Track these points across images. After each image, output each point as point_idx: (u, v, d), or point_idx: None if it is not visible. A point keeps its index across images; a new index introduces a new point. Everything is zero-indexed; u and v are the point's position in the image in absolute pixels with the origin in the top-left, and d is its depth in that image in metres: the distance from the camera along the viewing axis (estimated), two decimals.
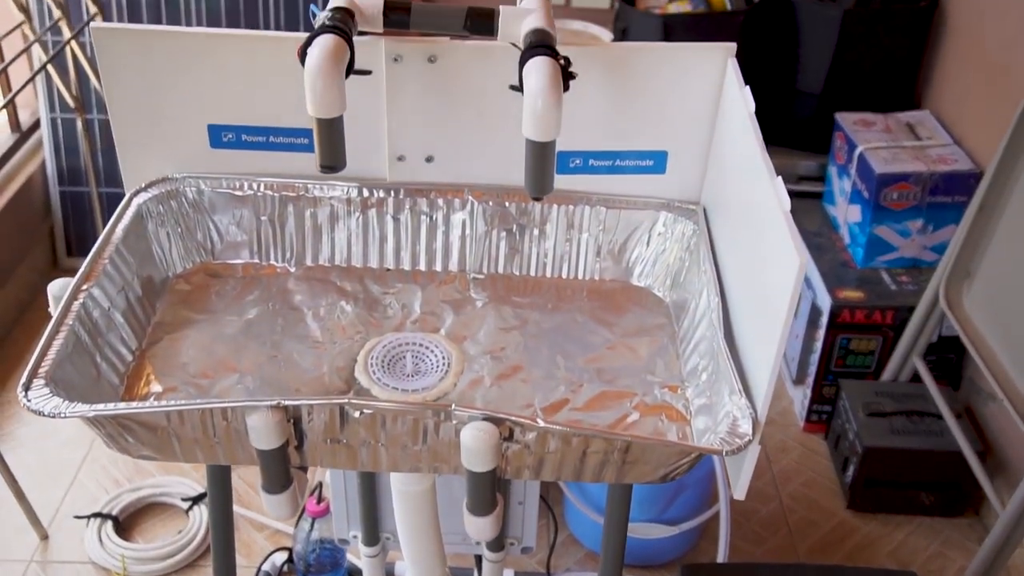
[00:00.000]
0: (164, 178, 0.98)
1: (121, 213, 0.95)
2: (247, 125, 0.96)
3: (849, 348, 1.91)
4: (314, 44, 0.74)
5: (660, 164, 0.99)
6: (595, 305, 1.00)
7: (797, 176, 2.22)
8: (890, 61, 2.11)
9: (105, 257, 0.89)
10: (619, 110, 0.96)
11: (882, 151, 1.93)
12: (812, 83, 2.13)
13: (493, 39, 0.84)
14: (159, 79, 0.93)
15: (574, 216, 1.00)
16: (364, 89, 0.92)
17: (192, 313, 0.95)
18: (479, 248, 1.01)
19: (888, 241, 1.94)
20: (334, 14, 0.78)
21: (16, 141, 2.22)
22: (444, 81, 0.93)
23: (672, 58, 0.93)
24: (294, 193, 0.99)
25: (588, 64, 0.93)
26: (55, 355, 0.79)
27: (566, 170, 0.99)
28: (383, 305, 0.98)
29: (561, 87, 0.74)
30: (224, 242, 1.01)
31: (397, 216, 1.00)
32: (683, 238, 0.99)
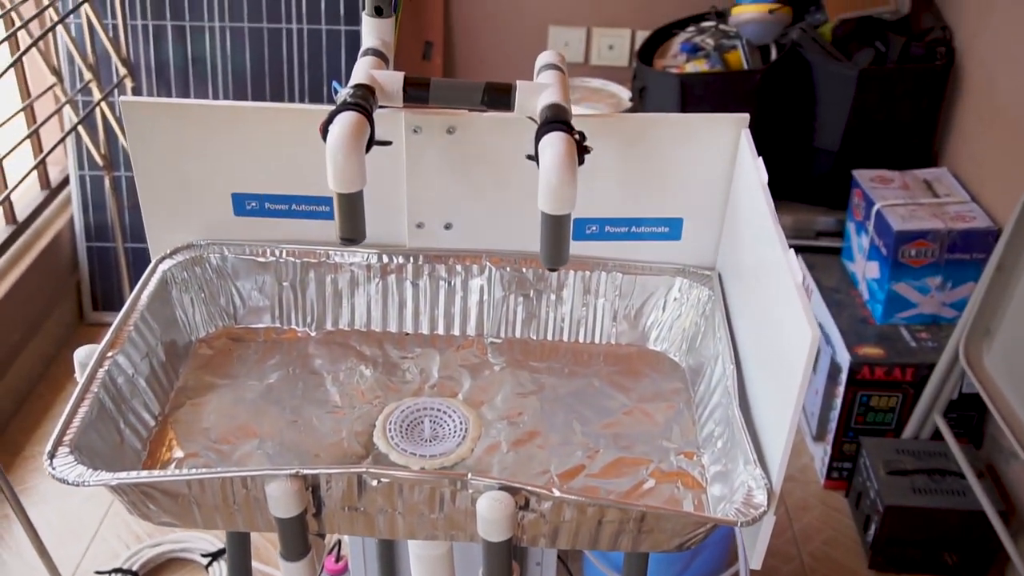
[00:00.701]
0: (189, 245, 1.00)
1: (147, 280, 0.97)
2: (270, 193, 0.98)
3: (869, 405, 1.90)
4: (335, 121, 0.77)
5: (676, 231, 1.00)
6: (612, 370, 1.01)
7: (816, 232, 2.23)
8: (907, 119, 2.12)
9: (130, 324, 0.91)
10: (635, 178, 0.97)
11: (899, 208, 1.94)
12: (829, 140, 2.15)
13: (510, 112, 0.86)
14: (185, 149, 0.96)
15: (591, 282, 1.02)
16: (385, 158, 0.94)
17: (214, 378, 0.97)
18: (497, 313, 1.03)
19: (907, 298, 1.94)
20: (355, 91, 0.81)
21: (46, 198, 2.26)
22: (462, 151, 0.95)
23: (687, 128, 0.95)
24: (315, 259, 1.01)
25: (605, 133, 0.95)
26: (80, 423, 0.80)
27: (583, 236, 1.01)
28: (402, 370, 1.00)
29: (576, 162, 0.76)
30: (247, 307, 1.03)
31: (416, 282, 1.02)
32: (699, 303, 1.00)
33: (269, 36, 2.17)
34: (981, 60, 2.02)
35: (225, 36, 2.17)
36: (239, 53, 2.18)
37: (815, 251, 2.21)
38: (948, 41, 2.13)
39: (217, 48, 2.18)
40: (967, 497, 1.72)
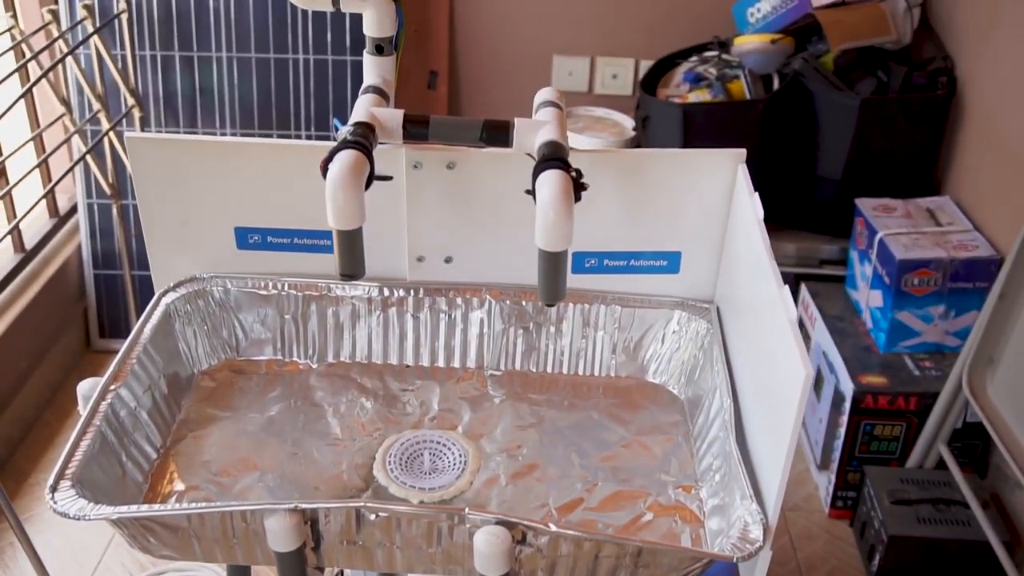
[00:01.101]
0: (192, 278, 1.02)
1: (150, 313, 0.98)
2: (272, 227, 1.00)
3: (873, 434, 1.90)
4: (335, 159, 0.78)
5: (674, 264, 1.01)
6: (611, 402, 1.01)
7: (819, 260, 2.23)
8: (909, 148, 2.13)
9: (133, 357, 0.92)
10: (634, 212, 0.98)
11: (902, 237, 1.95)
12: (832, 169, 2.15)
13: (508, 149, 0.87)
14: (188, 183, 0.97)
15: (590, 314, 1.02)
16: (385, 193, 0.96)
17: (216, 410, 0.98)
18: (496, 346, 1.03)
19: (910, 326, 1.94)
20: (355, 129, 0.82)
21: (54, 225, 2.28)
22: (462, 186, 0.96)
23: (685, 163, 0.96)
24: (317, 292, 1.02)
25: (604, 168, 0.96)
26: (82, 456, 0.81)
27: (582, 270, 1.02)
28: (402, 402, 1.00)
29: (572, 200, 0.77)
30: (249, 339, 1.04)
31: (417, 315, 1.03)
32: (697, 336, 1.01)
33: (276, 66, 2.20)
34: (982, 89, 2.03)
35: (232, 66, 2.19)
36: (246, 83, 2.20)
37: (819, 279, 2.22)
38: (950, 70, 2.14)
39: (224, 78, 2.20)
40: (971, 527, 1.71)
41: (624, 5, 2.41)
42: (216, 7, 2.15)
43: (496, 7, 2.42)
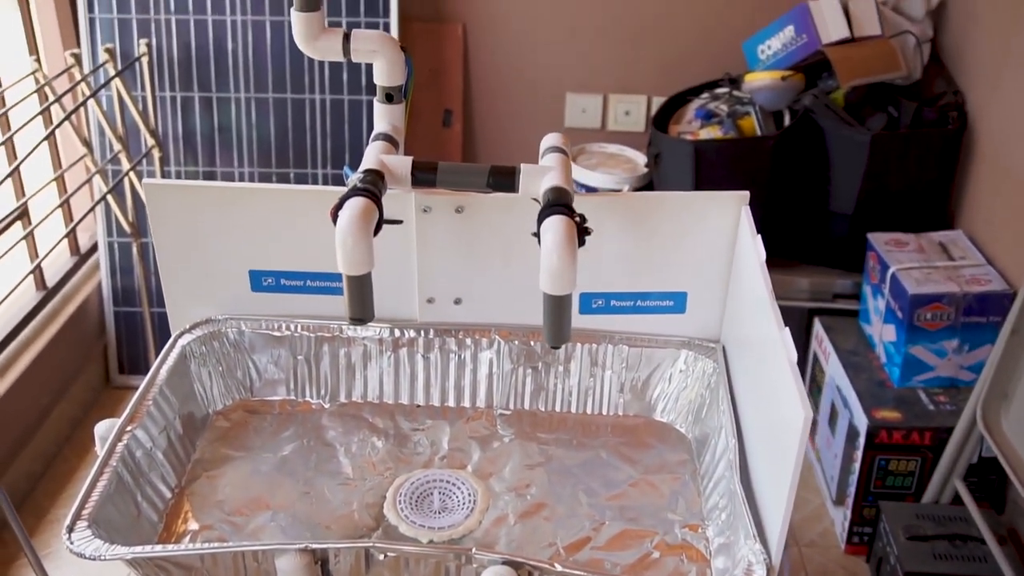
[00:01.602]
0: (207, 320, 1.04)
1: (166, 354, 1.00)
2: (286, 270, 1.02)
3: (888, 469, 1.89)
4: (345, 207, 0.80)
5: (680, 304, 1.02)
6: (619, 441, 1.02)
7: (833, 294, 2.24)
8: (921, 182, 2.14)
9: (149, 398, 0.94)
10: (640, 253, 1.00)
11: (915, 271, 1.95)
12: (844, 204, 2.16)
13: (514, 194, 0.89)
14: (204, 228, 0.99)
15: (597, 354, 1.04)
16: (396, 236, 0.98)
17: (230, 450, 0.99)
18: (506, 385, 1.05)
19: (924, 361, 1.94)
20: (365, 176, 0.84)
21: (75, 264, 2.32)
22: (470, 229, 0.98)
23: (689, 206, 0.97)
24: (329, 334, 1.04)
25: (609, 211, 0.98)
26: (98, 496, 0.83)
27: (589, 310, 1.03)
28: (413, 441, 1.02)
29: (575, 245, 0.78)
30: (263, 380, 1.06)
31: (427, 355, 1.04)
32: (704, 376, 1.02)
33: (293, 106, 2.23)
34: (993, 124, 2.04)
35: (251, 106, 2.23)
36: (264, 122, 2.24)
37: (833, 313, 2.22)
38: (960, 105, 2.15)
39: (243, 118, 2.24)
40: (988, 563, 1.70)
41: (636, 43, 2.44)
42: (235, 49, 2.19)
43: (509, 46, 2.45)
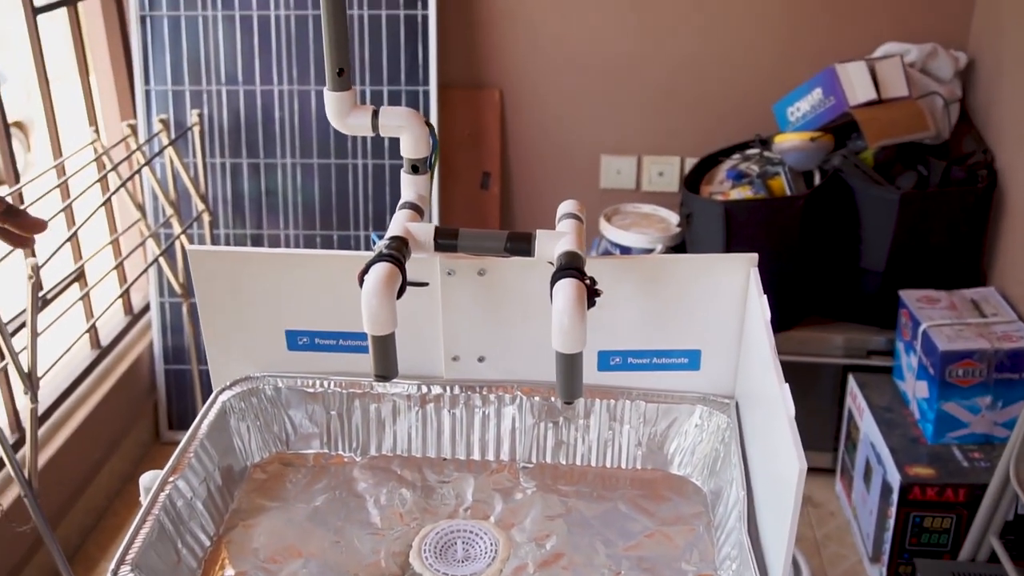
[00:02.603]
0: (246, 377, 1.10)
1: (207, 410, 1.06)
2: (320, 330, 1.08)
3: (922, 526, 1.89)
4: (371, 271, 0.86)
5: (695, 362, 1.07)
6: (636, 493, 1.06)
7: (867, 351, 2.26)
8: (951, 240, 2.16)
9: (191, 451, 1.00)
10: (655, 313, 1.05)
11: (946, 328, 1.97)
12: (875, 261, 2.19)
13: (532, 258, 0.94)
14: (244, 291, 1.06)
15: (616, 410, 1.08)
16: (423, 298, 1.04)
17: (266, 501, 1.05)
18: (528, 439, 1.10)
19: (958, 417, 1.95)
20: (391, 243, 0.90)
21: (128, 323, 2.42)
22: (492, 291, 1.04)
23: (701, 268, 1.02)
24: (360, 390, 1.10)
25: (625, 273, 1.03)
26: (141, 542, 0.89)
27: (607, 367, 1.08)
28: (439, 493, 1.07)
29: (584, 306, 0.83)
30: (298, 434, 1.12)
31: (453, 410, 1.09)
32: (718, 430, 1.06)
33: (336, 171, 2.33)
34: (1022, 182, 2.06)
35: (296, 171, 2.33)
36: (309, 186, 2.34)
37: (867, 370, 2.24)
38: (989, 164, 2.18)
39: (289, 182, 2.34)
40: None
41: (669, 106, 2.51)
42: (282, 117, 2.29)
43: (545, 110, 2.53)
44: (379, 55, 2.29)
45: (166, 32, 2.28)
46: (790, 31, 2.41)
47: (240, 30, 2.28)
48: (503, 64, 2.49)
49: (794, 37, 2.42)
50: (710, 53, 2.45)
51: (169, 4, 2.27)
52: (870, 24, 2.38)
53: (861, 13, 2.38)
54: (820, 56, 2.34)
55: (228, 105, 2.30)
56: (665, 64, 2.47)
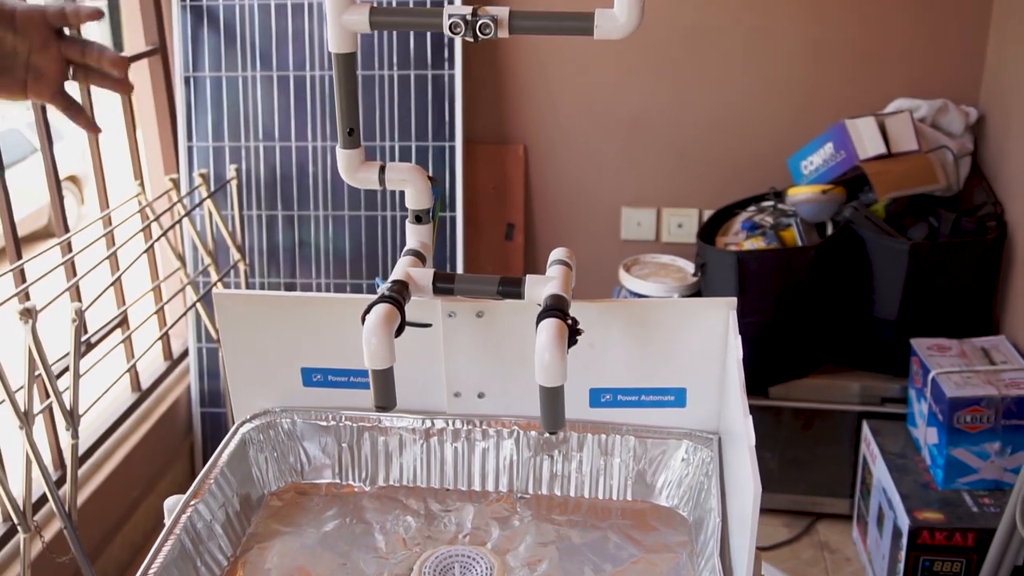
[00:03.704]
0: (265, 411, 1.19)
1: (228, 440, 1.15)
2: (333, 368, 1.17)
3: (932, 570, 1.92)
4: (371, 311, 0.95)
5: (680, 399, 1.14)
6: (626, 523, 1.13)
7: (881, 399, 2.30)
8: (963, 290, 2.21)
9: (211, 478, 1.09)
10: (642, 353, 1.12)
11: (954, 375, 2.01)
12: (888, 310, 2.24)
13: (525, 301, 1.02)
14: (264, 332, 1.15)
15: (607, 445, 1.15)
16: (426, 339, 1.12)
17: (280, 525, 1.13)
18: (525, 471, 1.17)
19: (967, 463, 1.99)
20: (392, 285, 0.99)
21: (168, 367, 2.53)
22: (490, 331, 1.12)
23: (683, 311, 1.10)
24: (369, 424, 1.18)
25: (614, 316, 1.11)
26: (163, 559, 0.97)
27: (598, 404, 1.15)
28: (441, 521, 1.14)
29: (565, 344, 0.91)
30: (312, 465, 1.20)
31: (455, 443, 1.17)
32: (703, 464, 1.13)
33: (366, 223, 2.43)
34: None
35: (328, 223, 2.44)
36: (340, 237, 2.45)
37: (882, 417, 2.28)
38: (999, 216, 2.23)
39: (320, 233, 2.45)
40: None
41: (687, 160, 2.59)
42: (315, 172, 2.41)
43: (568, 164, 2.63)
44: (408, 113, 2.41)
45: (208, 92, 2.42)
46: (804, 88, 2.50)
47: (277, 90, 2.41)
48: (527, 120, 2.60)
49: (808, 93, 2.50)
50: (727, 109, 2.54)
51: (212, 65, 2.41)
52: (883, 81, 2.45)
53: (874, 70, 2.46)
54: (834, 111, 2.41)
55: (265, 160, 2.43)
56: (683, 120, 2.56)
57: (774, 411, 2.33)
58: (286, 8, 2.38)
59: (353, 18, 0.98)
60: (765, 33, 2.47)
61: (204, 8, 2.39)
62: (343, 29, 0.98)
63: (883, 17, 2.42)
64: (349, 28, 0.98)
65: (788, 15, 2.45)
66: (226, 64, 2.40)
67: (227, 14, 2.39)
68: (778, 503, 2.41)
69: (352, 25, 0.98)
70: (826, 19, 2.44)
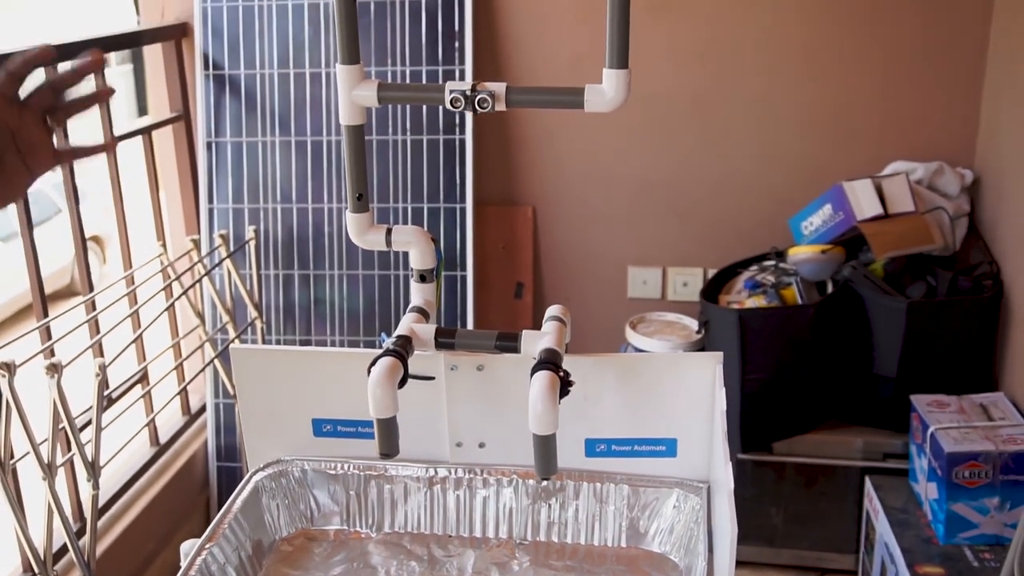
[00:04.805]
0: (277, 460, 1.25)
1: (242, 488, 1.21)
2: (342, 419, 1.23)
3: None
4: (376, 364, 1.01)
5: (672, 449, 1.20)
6: (620, 568, 1.18)
7: (883, 454, 2.34)
8: (961, 347, 2.26)
9: (225, 523, 1.15)
10: (634, 405, 1.18)
11: (953, 431, 2.05)
12: (888, 367, 2.29)
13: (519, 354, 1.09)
14: (277, 385, 1.22)
15: (601, 493, 1.21)
16: (429, 391, 1.19)
17: (290, 569, 1.19)
18: (524, 518, 1.22)
19: (967, 518, 2.02)
20: (396, 340, 1.06)
21: (186, 423, 2.59)
22: (491, 384, 1.18)
23: (672, 365, 1.16)
24: (376, 472, 1.24)
25: (607, 369, 1.17)
26: None
27: (593, 454, 1.21)
28: (443, 566, 1.19)
29: (556, 394, 0.98)
30: (321, 512, 1.26)
31: (457, 491, 1.23)
32: (693, 512, 1.18)
33: (379, 281, 2.51)
34: None
35: (343, 282, 2.52)
36: (354, 296, 2.52)
37: (883, 472, 2.31)
38: (995, 275, 2.28)
39: (336, 291, 2.53)
40: None
41: (692, 221, 2.67)
42: (331, 232, 2.49)
43: (575, 225, 2.71)
44: (421, 176, 2.50)
45: (229, 156, 2.52)
46: (804, 151, 2.58)
47: (295, 154, 2.51)
48: (535, 183, 2.68)
49: (808, 157, 2.58)
50: (730, 171, 2.62)
51: (233, 131, 2.51)
52: (881, 144, 2.53)
53: (872, 135, 2.54)
54: (833, 174, 2.49)
55: (283, 221, 2.52)
56: (687, 182, 2.64)
57: (778, 467, 2.37)
58: (304, 77, 2.49)
59: (363, 93, 1.06)
60: (766, 99, 2.56)
61: (226, 77, 2.50)
62: (353, 104, 1.06)
63: (879, 83, 2.50)
64: (359, 103, 1.07)
65: (787, 82, 2.54)
66: (246, 130, 2.51)
67: (248, 82, 2.50)
68: (783, 559, 2.44)
69: (362, 100, 1.06)
70: (824, 85, 2.53)
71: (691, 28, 2.54)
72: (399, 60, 2.47)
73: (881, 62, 2.49)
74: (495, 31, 2.58)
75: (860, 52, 2.50)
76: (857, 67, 2.51)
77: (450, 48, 2.46)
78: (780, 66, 2.54)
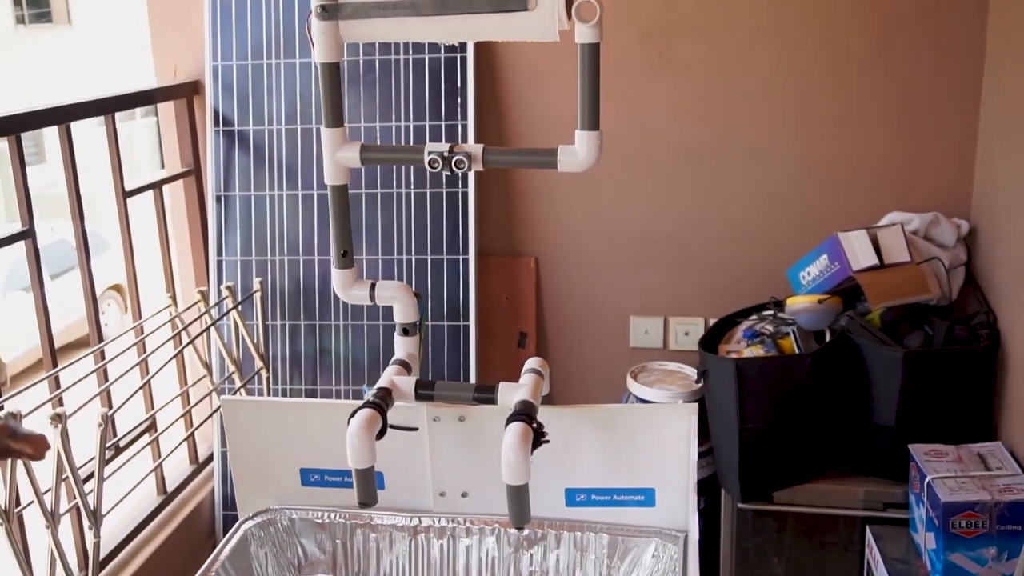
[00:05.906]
0: (266, 509, 1.29)
1: (231, 536, 1.25)
2: (329, 468, 1.27)
3: None
4: (355, 416, 1.05)
5: (650, 499, 1.22)
6: None
7: (883, 504, 2.33)
8: (959, 396, 2.27)
9: (212, 572, 1.18)
10: (613, 456, 1.21)
11: (949, 480, 2.05)
12: (886, 417, 2.29)
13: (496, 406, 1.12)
14: (266, 435, 1.26)
15: (581, 541, 1.23)
16: (412, 442, 1.22)
17: None
18: (506, 566, 1.25)
19: (965, 568, 2.01)
20: (376, 392, 1.10)
21: (193, 471, 2.63)
22: (472, 434, 1.22)
23: (648, 417, 1.19)
24: (362, 521, 1.27)
25: (586, 421, 1.20)
26: None
27: (574, 503, 1.24)
28: None
29: (528, 446, 1.01)
30: (308, 559, 1.29)
31: (440, 540, 1.26)
32: (671, 560, 1.20)
33: (384, 331, 2.55)
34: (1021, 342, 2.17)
35: (348, 332, 2.56)
36: (359, 345, 2.56)
37: (884, 522, 2.31)
38: (992, 324, 2.30)
39: (341, 341, 2.57)
40: None
41: (693, 271, 2.70)
42: None
43: (577, 276, 2.75)
44: (424, 227, 2.55)
45: (238, 209, 2.58)
46: (802, 202, 2.61)
47: (302, 207, 2.56)
48: (538, 234, 2.73)
49: (806, 208, 2.61)
50: (729, 223, 2.65)
51: (241, 185, 2.58)
52: (877, 195, 2.56)
53: (868, 186, 2.57)
54: (832, 224, 2.52)
55: (289, 272, 2.57)
56: (688, 233, 2.67)
57: (779, 516, 2.37)
58: (311, 132, 2.55)
59: (346, 155, 1.11)
60: (763, 152, 2.60)
61: (235, 133, 2.57)
62: (337, 165, 1.11)
63: (875, 134, 2.54)
64: (343, 164, 1.12)
65: (784, 134, 2.58)
66: (255, 183, 2.57)
67: (256, 138, 2.57)
68: None
69: (345, 161, 1.11)
70: (821, 137, 2.57)
71: (691, 85, 2.59)
72: (403, 116, 2.53)
73: (877, 115, 2.53)
74: (496, 88, 2.64)
75: (857, 105, 2.54)
76: (853, 120, 2.55)
77: (452, 104, 2.52)
78: (778, 119, 2.58)
